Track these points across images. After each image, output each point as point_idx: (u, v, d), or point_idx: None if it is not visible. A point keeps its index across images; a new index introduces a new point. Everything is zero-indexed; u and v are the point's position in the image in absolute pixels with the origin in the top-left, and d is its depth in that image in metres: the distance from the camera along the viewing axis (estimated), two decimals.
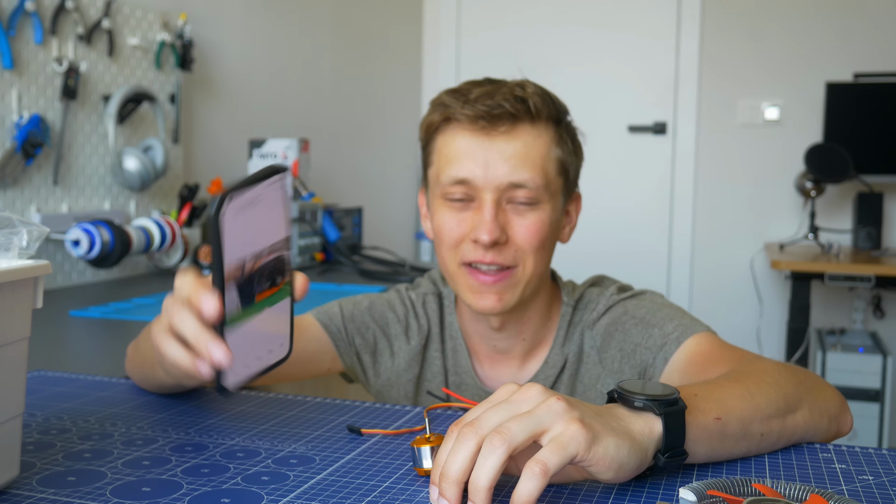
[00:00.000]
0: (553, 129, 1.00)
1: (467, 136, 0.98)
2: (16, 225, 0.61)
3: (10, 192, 1.82)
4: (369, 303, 1.13)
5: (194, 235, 2.25)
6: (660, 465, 0.64)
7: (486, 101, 0.96)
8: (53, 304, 1.68)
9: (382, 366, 1.12)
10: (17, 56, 1.83)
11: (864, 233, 3.09)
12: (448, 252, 1.01)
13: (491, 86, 0.99)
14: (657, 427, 0.63)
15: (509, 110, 0.96)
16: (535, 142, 0.98)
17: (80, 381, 0.97)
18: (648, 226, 3.57)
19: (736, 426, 0.69)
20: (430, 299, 1.13)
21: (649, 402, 0.63)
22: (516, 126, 0.97)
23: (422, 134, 1.05)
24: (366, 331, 1.11)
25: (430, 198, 1.04)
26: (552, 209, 1.00)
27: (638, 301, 1.05)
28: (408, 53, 3.81)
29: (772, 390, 0.74)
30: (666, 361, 0.96)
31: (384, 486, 0.65)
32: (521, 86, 0.98)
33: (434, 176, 1.02)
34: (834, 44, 3.27)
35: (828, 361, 2.83)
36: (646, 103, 3.55)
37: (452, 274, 1.02)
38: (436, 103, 1.01)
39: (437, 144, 1.01)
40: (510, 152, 0.96)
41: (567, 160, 1.02)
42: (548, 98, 1.00)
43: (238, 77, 2.67)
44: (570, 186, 1.05)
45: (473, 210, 0.98)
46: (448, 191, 0.99)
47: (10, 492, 0.63)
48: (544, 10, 3.64)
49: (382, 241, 2.91)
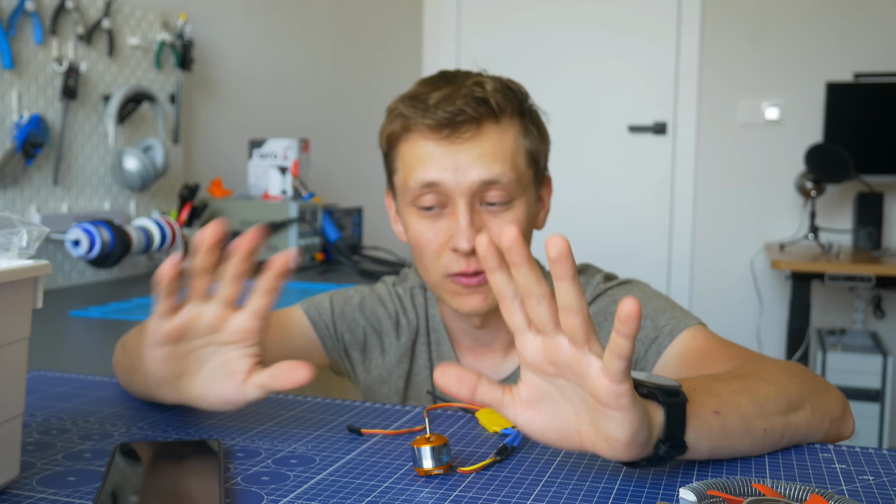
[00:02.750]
0: (518, 121, 0.98)
1: (431, 144, 0.95)
2: (16, 225, 0.61)
3: (10, 192, 1.82)
4: (360, 299, 1.11)
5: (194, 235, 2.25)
6: (660, 454, 0.63)
7: (447, 107, 0.93)
8: (53, 304, 1.68)
9: (373, 362, 1.11)
10: (18, 56, 1.83)
11: (865, 233, 3.09)
12: (431, 262, 0.99)
13: (448, 87, 0.95)
14: (659, 415, 0.63)
15: (472, 115, 0.93)
16: (501, 139, 0.95)
17: (80, 381, 0.97)
18: (648, 226, 3.57)
19: (736, 421, 0.69)
20: (417, 292, 1.12)
21: (653, 391, 0.63)
22: (481, 128, 0.95)
23: (382, 143, 1.02)
24: (356, 328, 1.10)
25: (400, 205, 1.02)
26: (527, 203, 0.98)
27: (626, 290, 1.04)
28: (408, 53, 3.81)
29: (773, 388, 0.73)
30: (658, 355, 0.95)
31: (384, 486, 0.65)
32: (479, 84, 0.95)
33: (401, 182, 0.99)
34: (834, 44, 3.27)
35: (828, 361, 2.83)
36: (646, 103, 3.55)
37: (436, 283, 1.00)
38: (393, 113, 0.98)
39: (401, 152, 0.99)
40: (478, 153, 0.94)
41: (535, 149, 1.00)
42: (508, 92, 0.97)
43: (238, 77, 2.67)
44: (540, 174, 1.03)
45: (448, 216, 0.96)
46: (418, 197, 0.96)
47: (10, 492, 0.63)
48: (544, 11, 3.64)
49: (382, 241, 2.91)
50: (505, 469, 0.68)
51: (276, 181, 2.43)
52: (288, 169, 2.42)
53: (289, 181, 2.42)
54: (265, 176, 2.44)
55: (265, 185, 2.44)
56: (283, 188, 2.42)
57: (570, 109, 3.55)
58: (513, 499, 0.62)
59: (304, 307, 1.10)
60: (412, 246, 1.01)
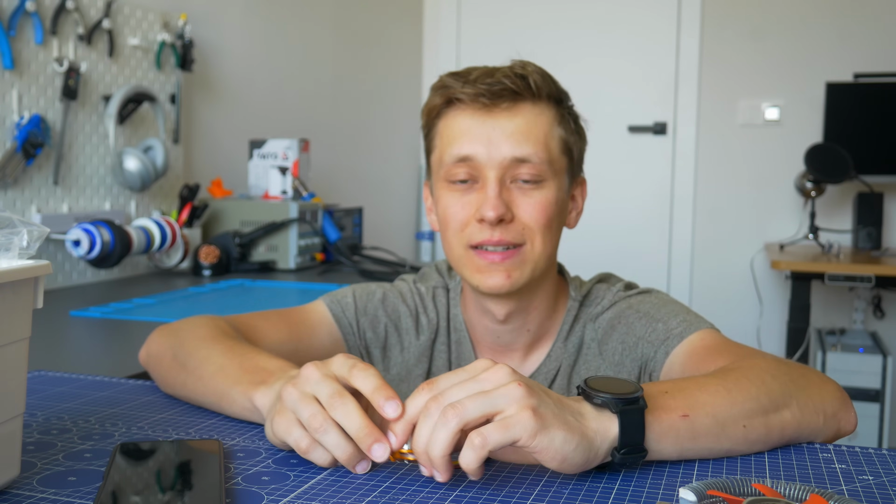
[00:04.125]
0: (554, 108, 1.00)
1: (468, 116, 0.97)
2: (16, 225, 0.61)
3: (10, 192, 1.82)
4: (382, 294, 1.12)
5: (194, 235, 2.25)
6: (615, 462, 0.65)
7: (486, 79, 0.96)
8: (53, 304, 1.68)
9: (392, 360, 1.11)
10: (18, 56, 1.83)
11: (864, 233, 3.09)
12: (454, 236, 0.99)
13: (491, 68, 0.99)
14: (613, 425, 0.65)
15: (510, 87, 0.96)
16: (536, 119, 0.97)
17: (80, 381, 0.97)
18: (648, 226, 3.57)
19: (708, 422, 0.69)
20: (440, 293, 1.12)
21: (608, 400, 0.65)
22: (517, 103, 0.97)
23: (423, 119, 1.04)
24: (378, 325, 1.10)
25: (434, 184, 1.03)
26: (557, 188, 0.99)
27: (644, 297, 1.05)
28: (408, 53, 3.81)
29: (753, 387, 0.73)
30: (667, 356, 0.96)
31: (384, 486, 0.65)
32: (521, 65, 0.99)
33: (437, 160, 1.02)
34: (834, 44, 3.27)
35: (828, 361, 2.83)
36: (646, 103, 3.55)
37: (459, 258, 1.00)
38: (436, 87, 1.01)
39: (439, 128, 1.01)
40: (512, 129, 0.96)
41: (570, 140, 1.02)
42: (548, 77, 1.00)
43: (238, 77, 2.67)
44: (574, 169, 1.04)
45: (478, 190, 0.97)
46: (451, 171, 0.98)
47: (11, 492, 0.63)
48: (544, 11, 3.64)
49: (382, 241, 2.91)
50: (505, 469, 0.68)
51: (277, 181, 2.43)
52: (288, 169, 2.42)
53: (289, 181, 2.42)
54: (265, 176, 2.45)
55: (265, 186, 2.44)
56: (283, 188, 2.43)
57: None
58: (513, 499, 0.62)
59: (328, 303, 1.10)
60: (440, 221, 1.02)
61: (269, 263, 2.27)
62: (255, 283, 2.05)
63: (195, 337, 0.91)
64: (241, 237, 2.25)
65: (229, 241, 2.22)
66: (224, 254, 2.19)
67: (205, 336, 0.90)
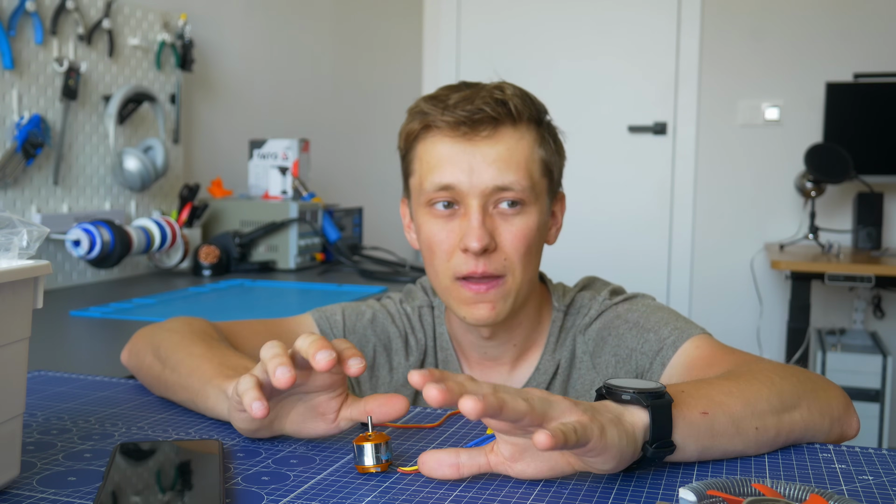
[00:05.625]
0: (535, 129, 0.99)
1: (448, 143, 0.96)
2: (16, 225, 0.61)
3: (10, 192, 1.82)
4: (372, 315, 1.11)
5: (194, 235, 2.25)
6: (648, 456, 0.65)
7: (466, 105, 0.94)
8: (53, 304, 1.68)
9: (380, 380, 1.11)
10: (18, 56, 1.83)
11: (864, 233, 3.09)
12: (441, 265, 0.98)
13: (469, 90, 0.97)
14: (645, 418, 0.65)
15: (490, 114, 0.94)
16: (518, 144, 0.96)
17: (80, 381, 0.97)
18: (648, 226, 3.57)
19: (725, 421, 0.70)
20: (426, 311, 1.12)
21: (636, 395, 0.65)
22: (498, 129, 0.95)
23: (401, 143, 1.03)
24: (366, 345, 1.09)
25: (414, 208, 1.02)
26: (539, 212, 0.99)
27: (630, 305, 1.04)
28: (408, 53, 3.81)
29: (765, 387, 0.74)
30: (664, 367, 0.95)
31: (384, 485, 0.65)
32: (499, 88, 0.97)
33: (417, 185, 1.00)
34: (834, 44, 3.27)
35: (828, 361, 2.83)
36: (646, 103, 3.55)
37: (445, 289, 1.00)
38: (413, 111, 1.00)
39: (418, 152, 1.00)
40: (494, 156, 0.95)
41: (550, 160, 1.01)
42: (527, 99, 0.99)
43: (238, 77, 2.67)
44: (554, 187, 1.03)
45: (460, 217, 0.97)
46: (432, 197, 0.97)
47: (11, 492, 0.63)
48: (545, 11, 3.64)
49: (382, 241, 2.91)
50: None
51: (277, 181, 2.43)
52: (288, 169, 2.42)
53: (289, 181, 2.42)
54: (265, 176, 2.45)
55: (265, 186, 2.44)
56: (283, 188, 2.43)
57: (570, 109, 3.54)
58: (513, 499, 0.62)
59: (316, 318, 1.09)
60: (423, 248, 1.01)
61: (269, 263, 2.27)
62: (255, 283, 2.05)
63: (176, 337, 0.91)
64: (241, 237, 2.25)
65: (229, 241, 2.22)
66: (224, 254, 2.19)
67: (185, 336, 0.90)
